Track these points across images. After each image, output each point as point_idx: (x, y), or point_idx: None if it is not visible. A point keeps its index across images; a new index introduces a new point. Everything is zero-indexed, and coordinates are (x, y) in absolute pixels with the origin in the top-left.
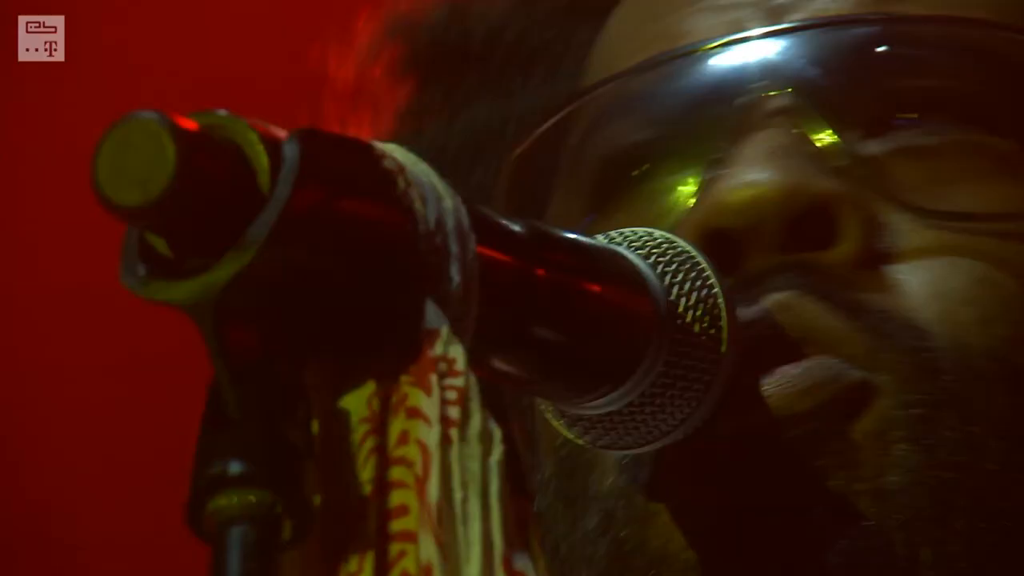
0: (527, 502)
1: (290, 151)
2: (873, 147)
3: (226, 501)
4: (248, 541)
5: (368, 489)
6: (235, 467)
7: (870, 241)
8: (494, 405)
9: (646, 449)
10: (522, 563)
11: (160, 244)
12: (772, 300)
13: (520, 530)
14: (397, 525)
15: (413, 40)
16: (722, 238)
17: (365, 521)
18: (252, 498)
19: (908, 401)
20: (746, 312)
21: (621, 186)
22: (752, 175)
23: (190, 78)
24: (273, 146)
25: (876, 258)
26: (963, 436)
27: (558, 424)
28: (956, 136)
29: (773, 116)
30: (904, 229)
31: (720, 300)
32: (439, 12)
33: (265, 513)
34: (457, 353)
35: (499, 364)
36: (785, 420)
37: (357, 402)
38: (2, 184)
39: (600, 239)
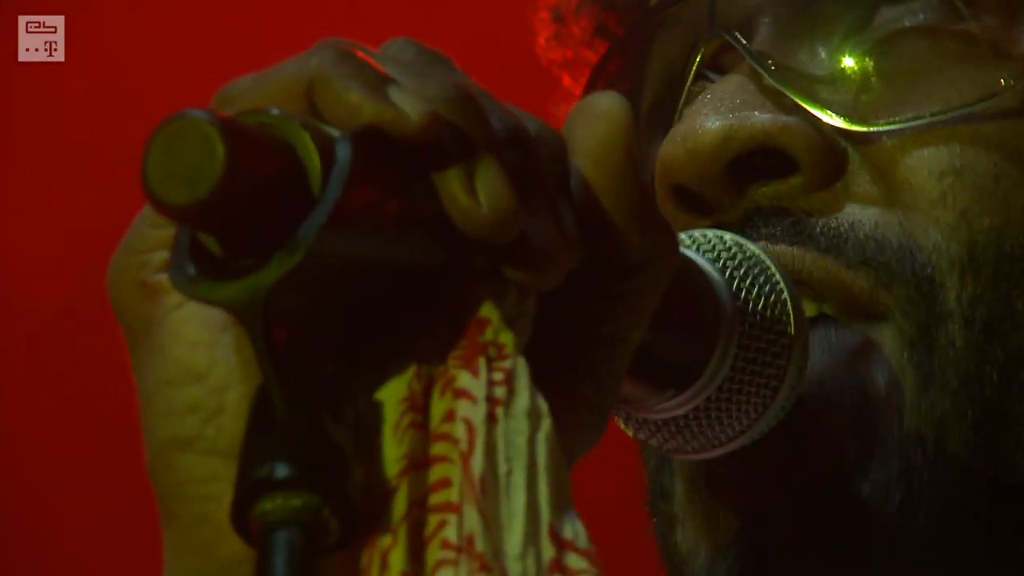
0: None
1: (342, 152)
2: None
3: (272, 504)
4: (293, 545)
5: (401, 465)
6: (281, 470)
7: (826, 162)
8: None
9: (711, 455)
10: (571, 531)
11: (212, 243)
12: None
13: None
14: (437, 498)
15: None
16: (681, 190)
17: (395, 495)
18: (298, 502)
19: (912, 339)
20: None
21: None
22: (687, 127)
23: (189, 78)
24: (325, 146)
25: (834, 177)
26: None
27: (624, 426)
28: (918, 26)
29: (737, 60)
30: (859, 143)
31: (789, 306)
32: None
33: (311, 517)
34: (507, 339)
35: None
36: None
37: (397, 386)
38: (2, 183)
39: None
